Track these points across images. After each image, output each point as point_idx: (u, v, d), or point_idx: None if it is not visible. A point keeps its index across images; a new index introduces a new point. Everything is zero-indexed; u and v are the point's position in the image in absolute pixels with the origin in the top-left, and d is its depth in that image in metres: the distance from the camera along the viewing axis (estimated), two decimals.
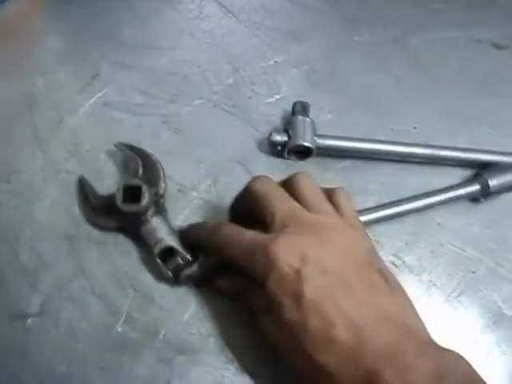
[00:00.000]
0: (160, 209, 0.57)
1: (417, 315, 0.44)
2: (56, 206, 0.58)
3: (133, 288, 0.54)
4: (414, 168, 0.65)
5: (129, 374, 0.50)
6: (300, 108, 0.63)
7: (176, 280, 0.53)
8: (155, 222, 0.54)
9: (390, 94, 0.71)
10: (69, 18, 0.76)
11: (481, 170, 0.63)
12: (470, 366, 0.39)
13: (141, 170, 0.59)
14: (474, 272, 0.58)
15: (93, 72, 0.69)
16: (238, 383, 0.50)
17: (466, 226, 0.61)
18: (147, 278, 0.55)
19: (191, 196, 0.60)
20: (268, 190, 0.49)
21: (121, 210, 0.53)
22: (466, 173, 0.65)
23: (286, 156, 0.63)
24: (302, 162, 0.63)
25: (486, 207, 0.63)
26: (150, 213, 0.55)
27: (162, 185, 0.59)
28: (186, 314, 0.53)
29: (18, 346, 0.51)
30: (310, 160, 0.63)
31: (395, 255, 0.58)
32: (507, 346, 0.55)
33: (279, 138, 0.61)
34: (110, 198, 0.55)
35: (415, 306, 0.45)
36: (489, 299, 0.57)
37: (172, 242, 0.53)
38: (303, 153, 0.62)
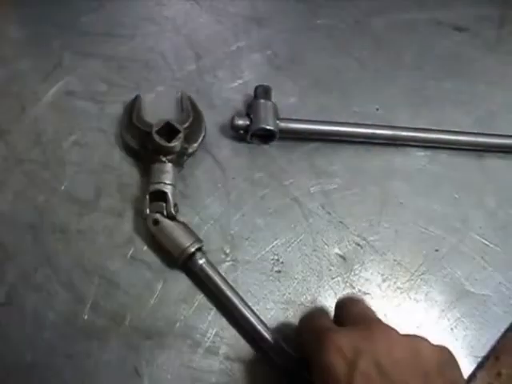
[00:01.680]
0: (179, 163, 0.59)
1: None
2: (19, 196, 0.58)
3: (98, 275, 0.54)
4: (377, 149, 0.65)
5: (96, 360, 0.50)
6: (262, 92, 0.64)
7: (144, 219, 0.55)
8: (167, 168, 0.57)
9: (352, 76, 0.72)
10: (28, 7, 0.75)
11: None
12: None
13: (187, 124, 0.61)
14: (437, 250, 0.59)
15: (54, 61, 0.68)
16: (206, 366, 0.51)
17: (429, 204, 0.62)
18: (112, 265, 0.55)
19: None
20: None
21: (151, 138, 0.56)
22: (428, 153, 0.66)
23: (249, 140, 0.63)
24: (265, 146, 0.64)
25: (448, 186, 0.64)
26: (169, 157, 0.57)
27: (195, 146, 0.61)
28: (151, 299, 0.53)
29: None
30: (274, 144, 0.63)
31: (359, 235, 0.59)
32: (470, 321, 0.56)
33: (241, 122, 0.61)
34: (149, 126, 0.59)
35: (381, 286, 0.44)
36: (452, 276, 0.58)
37: (168, 190, 0.55)
38: (266, 136, 0.62)
